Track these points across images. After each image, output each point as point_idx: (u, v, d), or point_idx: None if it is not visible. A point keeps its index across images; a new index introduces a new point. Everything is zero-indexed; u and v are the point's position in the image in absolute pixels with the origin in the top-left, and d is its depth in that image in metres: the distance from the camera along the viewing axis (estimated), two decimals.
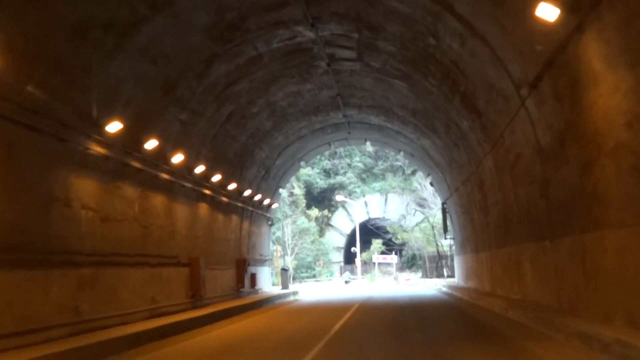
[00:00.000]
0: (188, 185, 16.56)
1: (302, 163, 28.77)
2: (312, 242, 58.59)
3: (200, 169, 16.77)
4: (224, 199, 20.03)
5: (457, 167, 20.22)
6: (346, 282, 45.79)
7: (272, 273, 42.02)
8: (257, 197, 23.66)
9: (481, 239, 18.37)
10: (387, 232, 48.86)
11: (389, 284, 41.49)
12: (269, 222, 27.81)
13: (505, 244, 14.57)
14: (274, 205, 27.06)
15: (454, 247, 30.51)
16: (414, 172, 57.86)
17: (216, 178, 18.41)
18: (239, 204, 21.88)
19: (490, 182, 15.68)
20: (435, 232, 36.94)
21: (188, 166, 16.28)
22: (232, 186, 20.16)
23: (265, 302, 21.67)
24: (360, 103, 21.27)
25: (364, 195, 59.29)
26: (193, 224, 17.42)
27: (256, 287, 24.53)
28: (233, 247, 21.67)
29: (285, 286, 29.38)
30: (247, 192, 22.09)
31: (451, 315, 14.51)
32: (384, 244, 52.79)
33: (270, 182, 25.78)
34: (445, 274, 35.80)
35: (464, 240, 22.78)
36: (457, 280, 26.91)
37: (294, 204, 63.44)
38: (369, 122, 23.97)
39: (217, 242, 19.72)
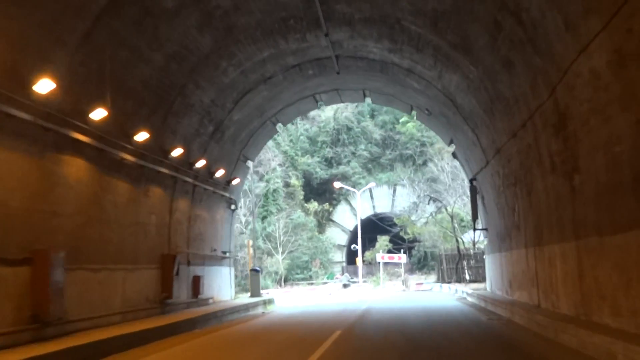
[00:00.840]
0: (20, 115, 8.94)
1: (278, 125, 21.04)
2: (310, 238, 51.38)
3: (47, 86, 9.14)
4: (129, 157, 12.40)
5: (505, 108, 12.50)
6: (345, 285, 38.17)
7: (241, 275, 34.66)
8: (201, 162, 16.01)
9: (551, 222, 10.64)
10: (394, 225, 40.98)
11: (396, 288, 33.76)
12: (230, 206, 20.19)
13: (636, 223, 6.86)
14: (235, 182, 19.39)
15: (484, 243, 22.77)
16: (425, 163, 51.12)
17: (99, 114, 10.79)
18: (165, 170, 14.26)
19: (591, 106, 7.94)
20: (455, 224, 29.12)
21: (18, 77, 8.71)
22: (143, 136, 12.53)
23: (205, 321, 14.10)
24: (352, 13, 13.58)
25: (369, 188, 51.59)
26: (47, 190, 9.84)
27: (203, 296, 16.97)
28: (155, 235, 14.08)
29: (255, 293, 21.78)
30: (178, 152, 14.47)
31: None
32: (390, 241, 45.62)
33: (227, 147, 18.15)
34: (468, 277, 28.02)
35: (508, 228, 15.05)
36: (489, 287, 19.21)
37: (290, 196, 56.42)
38: (366, 57, 16.26)
39: (115, 226, 12.12)
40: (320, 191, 57.80)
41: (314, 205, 55.01)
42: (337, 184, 45.97)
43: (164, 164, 14.02)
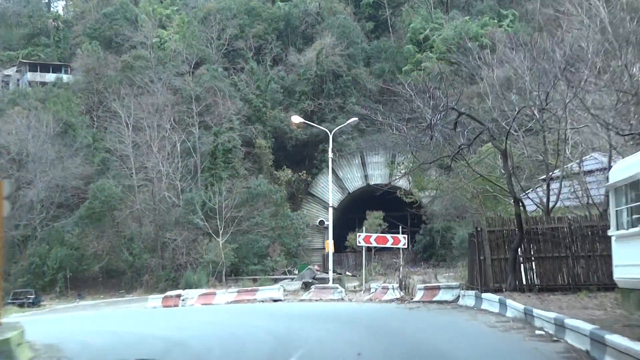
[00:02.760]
0: None
1: None
2: (273, 215, 36.48)
3: None
4: None
5: None
6: (306, 285, 23.47)
7: None
8: None
9: None
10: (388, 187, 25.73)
11: (387, 295, 18.87)
12: None
13: None
14: None
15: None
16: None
17: None
18: None
19: None
20: (513, 172, 13.94)
21: None
22: None
23: None
24: None
25: (361, 152, 42.12)
26: None
27: None
28: None
29: None
30: None
31: None
32: (386, 220, 33.21)
33: None
34: (537, 281, 13.04)
35: None
36: None
37: (254, 159, 41.75)
38: None
39: None
40: (297, 157, 44.67)
41: (286, 173, 41.05)
42: (295, 119, 30.97)
43: None
